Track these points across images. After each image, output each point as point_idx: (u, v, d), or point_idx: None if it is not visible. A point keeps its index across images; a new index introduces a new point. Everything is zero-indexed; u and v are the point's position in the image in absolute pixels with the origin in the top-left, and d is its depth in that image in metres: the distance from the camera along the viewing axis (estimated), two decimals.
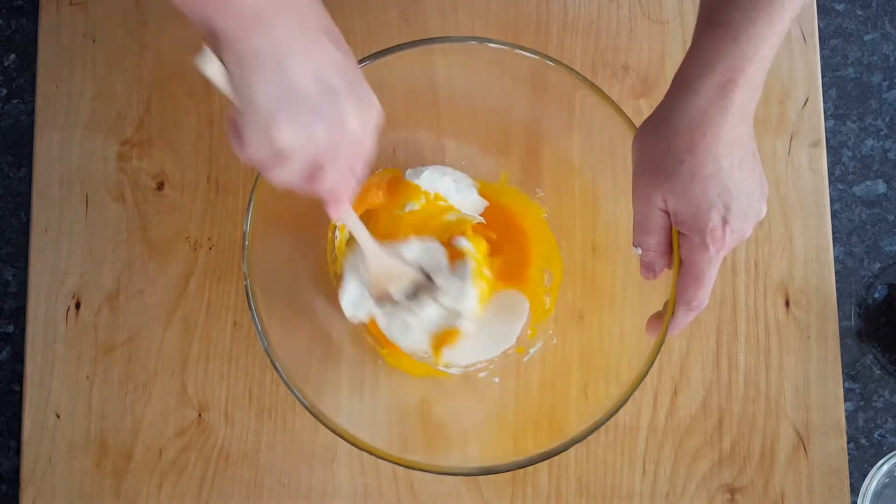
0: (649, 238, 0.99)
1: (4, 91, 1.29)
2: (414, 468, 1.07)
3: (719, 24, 0.93)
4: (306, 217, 1.14)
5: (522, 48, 1.12)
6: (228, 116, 0.87)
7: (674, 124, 0.94)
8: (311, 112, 0.85)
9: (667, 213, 0.97)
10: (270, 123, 0.84)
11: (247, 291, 1.07)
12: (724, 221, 0.94)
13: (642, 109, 1.27)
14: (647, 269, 1.02)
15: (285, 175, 0.89)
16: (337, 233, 1.21)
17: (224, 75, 0.83)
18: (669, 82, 1.24)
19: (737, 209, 0.94)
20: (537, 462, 1.06)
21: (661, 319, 1.03)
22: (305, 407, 1.07)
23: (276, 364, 1.07)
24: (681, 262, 0.99)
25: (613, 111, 1.10)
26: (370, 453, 1.06)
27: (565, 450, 1.05)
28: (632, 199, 0.99)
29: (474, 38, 1.14)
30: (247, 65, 0.82)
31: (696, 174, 0.93)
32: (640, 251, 1.01)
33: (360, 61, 1.08)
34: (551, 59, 1.11)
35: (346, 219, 1.06)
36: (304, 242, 1.21)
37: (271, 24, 0.80)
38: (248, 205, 1.07)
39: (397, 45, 1.11)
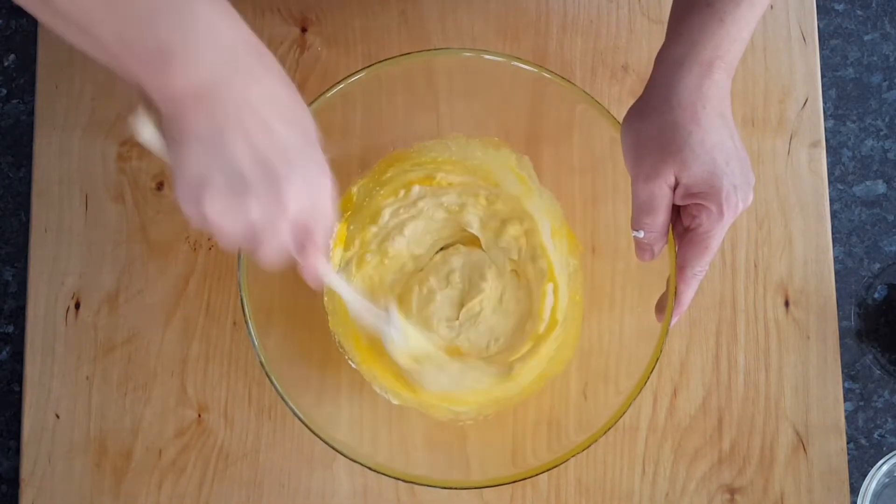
0: (655, 218, 1.00)
1: (4, 91, 1.30)
2: (415, 483, 1.08)
3: (705, 4, 0.98)
4: None
5: (520, 60, 1.12)
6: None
7: (674, 100, 0.97)
8: (245, 192, 0.84)
9: (673, 190, 0.99)
10: (201, 197, 0.83)
11: (242, 307, 1.07)
12: (735, 187, 0.97)
13: None
14: (647, 250, 1.04)
15: (223, 240, 0.89)
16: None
17: (158, 140, 0.83)
18: None
19: (741, 174, 0.98)
20: (539, 474, 1.07)
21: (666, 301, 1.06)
22: (305, 423, 1.07)
23: (273, 379, 1.07)
24: (685, 233, 1.02)
25: (611, 123, 1.10)
26: (371, 469, 1.07)
27: (566, 461, 1.06)
28: (634, 183, 1.00)
29: (471, 50, 1.14)
30: (183, 139, 0.82)
31: (705, 143, 0.96)
32: (641, 234, 1.02)
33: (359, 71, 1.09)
34: (549, 72, 1.12)
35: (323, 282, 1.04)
36: None
37: (208, 105, 0.79)
38: None
39: (395, 56, 1.12)
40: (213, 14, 0.78)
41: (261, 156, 0.83)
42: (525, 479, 1.08)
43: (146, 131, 0.82)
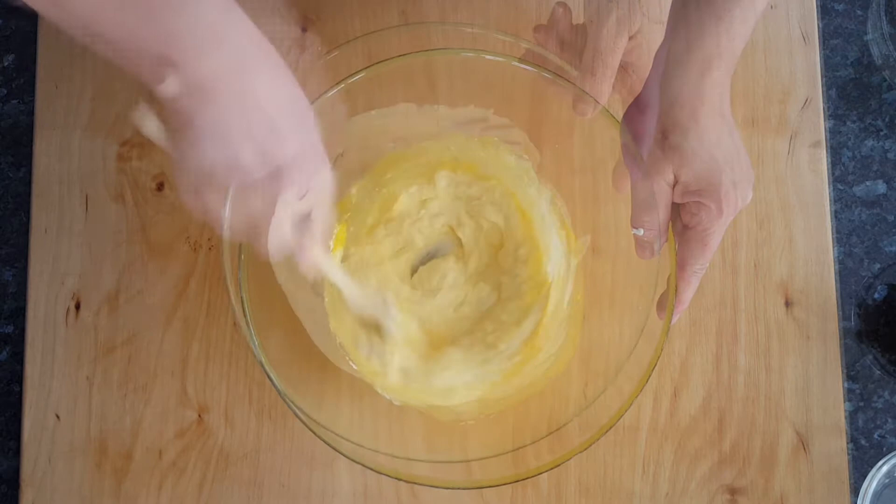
0: (654, 216, 1.02)
1: (4, 91, 1.29)
2: (416, 483, 1.09)
3: (704, 2, 0.98)
4: None
5: (520, 60, 1.12)
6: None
7: (672, 97, 0.98)
8: (247, 185, 0.85)
9: (672, 187, 1.00)
10: (203, 188, 0.85)
11: (243, 307, 1.07)
12: (734, 184, 0.99)
13: None
14: (647, 248, 1.05)
15: (224, 233, 0.91)
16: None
17: (161, 133, 0.83)
18: None
19: (740, 172, 0.99)
20: (540, 474, 1.07)
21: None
22: (306, 424, 1.07)
23: (273, 378, 1.08)
24: (685, 231, 1.03)
25: (611, 123, 1.10)
26: (371, 469, 1.07)
27: (567, 460, 1.07)
28: (633, 180, 1.02)
29: (471, 50, 1.14)
30: (187, 132, 0.82)
31: (704, 141, 0.97)
32: (641, 232, 1.02)
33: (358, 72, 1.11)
34: (549, 73, 1.12)
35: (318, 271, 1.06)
36: None
37: (215, 100, 0.80)
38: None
39: (395, 56, 1.13)
40: (219, 10, 0.78)
41: (264, 150, 0.84)
42: (526, 479, 1.08)
43: (150, 124, 0.83)
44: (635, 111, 1.07)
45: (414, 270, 1.23)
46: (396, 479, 1.07)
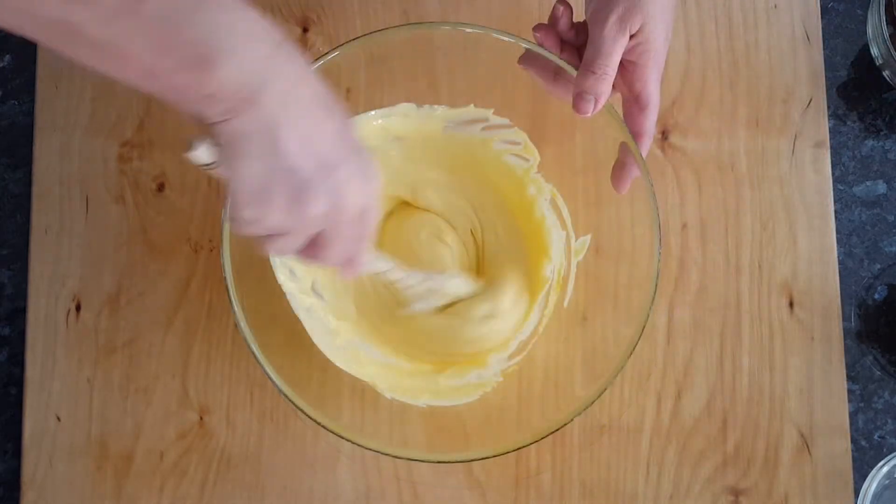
0: (610, 60, 1.05)
1: (0, 92, 1.29)
2: (413, 459, 1.10)
3: None
4: None
5: (527, 42, 1.12)
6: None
7: None
8: (306, 189, 0.83)
9: (629, 38, 1.05)
10: (263, 203, 0.83)
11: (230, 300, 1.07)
12: (667, 42, 1.09)
13: None
14: (589, 101, 1.08)
15: (286, 250, 0.89)
16: None
17: (214, 160, 0.82)
18: (673, 82, 1.26)
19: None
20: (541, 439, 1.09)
21: (623, 171, 1.12)
22: (307, 413, 1.07)
23: (274, 378, 1.07)
24: (630, 103, 1.11)
25: (614, 120, 1.10)
26: (370, 449, 1.08)
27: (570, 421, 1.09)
28: (597, 28, 1.06)
29: (479, 27, 1.14)
30: (236, 147, 0.80)
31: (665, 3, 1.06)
32: (586, 79, 1.06)
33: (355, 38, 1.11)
34: (558, 58, 1.12)
35: (364, 272, 1.07)
36: None
37: (256, 105, 0.78)
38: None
39: (396, 26, 1.13)
40: (248, 16, 0.78)
41: (317, 153, 0.83)
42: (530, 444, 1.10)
43: (201, 156, 0.81)
44: (636, 109, 1.08)
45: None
46: (396, 457, 1.09)
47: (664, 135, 1.27)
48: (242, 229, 0.86)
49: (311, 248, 0.90)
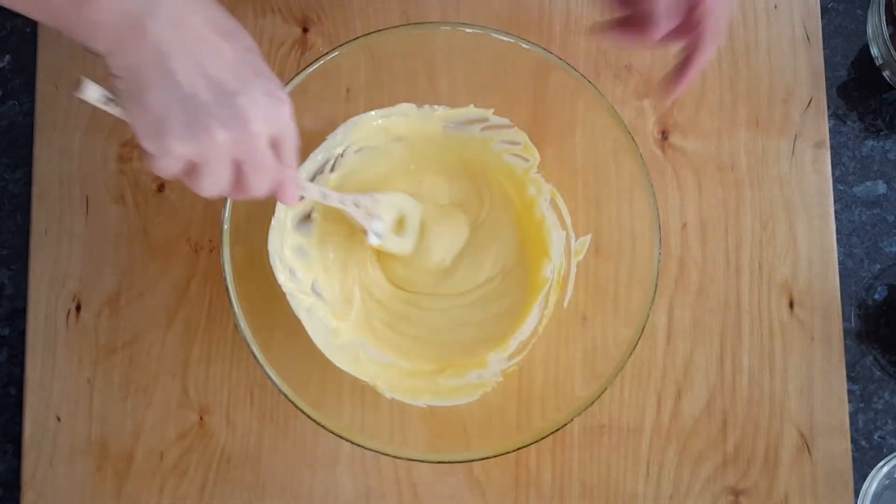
0: None
1: (0, 92, 1.29)
2: (413, 459, 1.11)
3: None
4: None
5: (528, 42, 1.12)
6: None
7: None
8: (205, 116, 0.82)
9: None
10: (164, 134, 0.81)
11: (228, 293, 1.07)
12: None
13: (646, 111, 1.27)
14: (654, 24, 0.95)
15: (211, 186, 0.87)
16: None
17: (105, 97, 0.82)
18: None
19: None
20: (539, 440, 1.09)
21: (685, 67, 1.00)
22: (307, 415, 1.07)
23: (274, 378, 1.08)
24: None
25: (614, 120, 1.11)
26: (370, 449, 1.09)
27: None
28: None
29: (479, 27, 1.14)
30: (132, 78, 0.80)
31: None
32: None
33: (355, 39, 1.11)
34: (553, 54, 1.12)
35: (302, 200, 1.06)
36: None
37: (144, 33, 0.77)
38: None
39: (396, 26, 1.13)
40: None
41: (212, 77, 0.82)
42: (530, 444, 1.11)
43: (92, 94, 0.81)
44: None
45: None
46: (395, 458, 1.09)
47: (664, 135, 1.27)
48: (154, 166, 0.85)
49: (237, 184, 0.89)
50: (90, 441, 1.21)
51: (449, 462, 1.14)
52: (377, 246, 1.18)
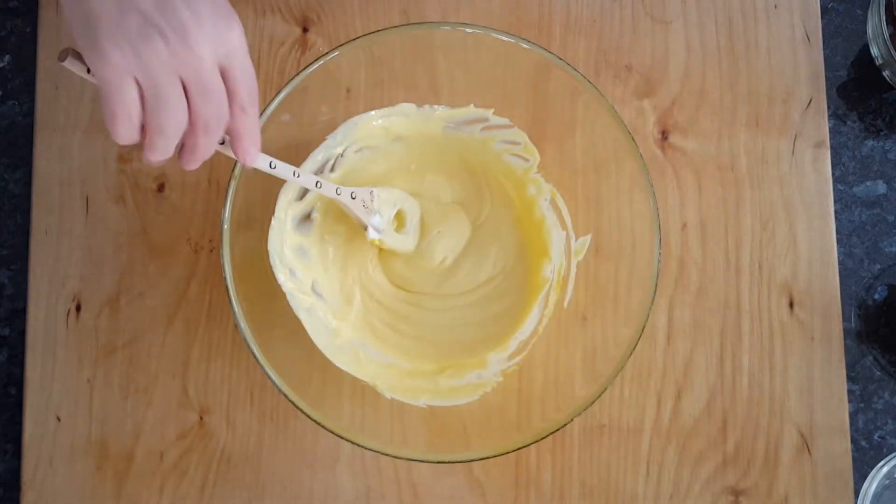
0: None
1: (0, 92, 1.28)
2: (413, 459, 1.10)
3: None
4: None
5: (527, 42, 1.12)
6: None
7: None
8: (144, 23, 0.80)
9: None
10: (97, 33, 0.79)
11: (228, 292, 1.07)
12: None
13: (646, 110, 1.27)
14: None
15: (165, 118, 0.83)
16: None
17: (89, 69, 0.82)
18: (673, 82, 1.25)
19: None
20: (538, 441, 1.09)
21: None
22: (307, 414, 1.07)
23: (274, 377, 1.08)
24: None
25: (615, 119, 1.11)
26: (370, 449, 1.09)
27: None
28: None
29: (479, 27, 1.14)
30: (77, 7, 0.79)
31: None
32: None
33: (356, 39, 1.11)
34: (553, 54, 1.12)
35: (261, 162, 1.01)
36: None
37: None
38: (227, 192, 1.07)
39: (396, 26, 1.13)
40: None
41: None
42: (530, 444, 1.10)
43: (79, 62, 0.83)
44: None
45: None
46: (396, 458, 1.09)
47: (664, 135, 1.27)
48: (99, 77, 0.82)
49: (191, 125, 0.86)
50: (90, 441, 1.21)
51: (449, 462, 1.14)
52: (377, 241, 1.18)
